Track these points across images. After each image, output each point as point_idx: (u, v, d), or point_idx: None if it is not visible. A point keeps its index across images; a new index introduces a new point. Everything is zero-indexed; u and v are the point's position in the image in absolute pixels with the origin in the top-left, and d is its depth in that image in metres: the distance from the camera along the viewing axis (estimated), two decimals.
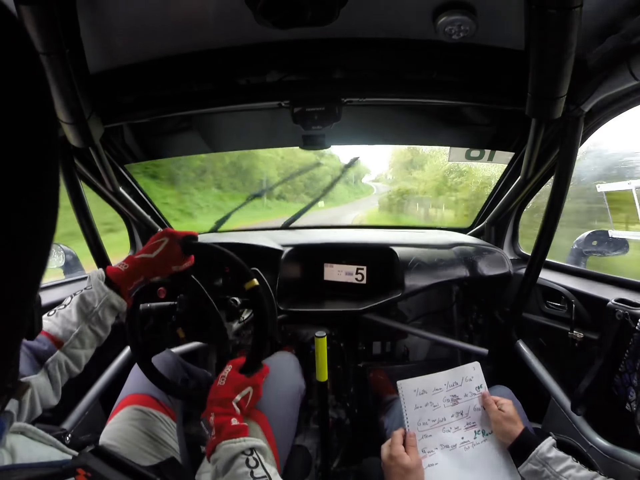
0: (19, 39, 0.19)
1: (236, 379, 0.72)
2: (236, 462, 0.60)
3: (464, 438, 0.86)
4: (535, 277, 1.12)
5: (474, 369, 0.92)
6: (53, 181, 0.22)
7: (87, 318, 0.69)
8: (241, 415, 0.69)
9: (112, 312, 0.73)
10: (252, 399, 0.74)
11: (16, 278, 0.21)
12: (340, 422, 1.42)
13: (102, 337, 0.73)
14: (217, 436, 0.64)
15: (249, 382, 0.73)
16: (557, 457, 0.74)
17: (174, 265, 0.80)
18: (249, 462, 0.59)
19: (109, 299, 0.71)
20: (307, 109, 0.95)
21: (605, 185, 1.54)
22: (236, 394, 0.70)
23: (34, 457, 0.43)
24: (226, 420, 0.65)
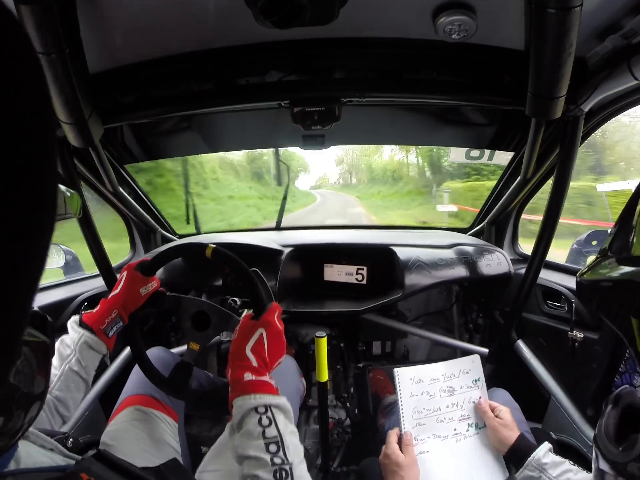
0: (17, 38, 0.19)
1: (245, 326, 0.68)
2: (247, 420, 0.57)
3: (456, 430, 0.87)
4: (535, 277, 1.12)
5: (473, 362, 0.92)
6: (51, 180, 0.22)
7: (66, 360, 0.72)
8: (262, 366, 0.64)
9: (91, 354, 0.76)
10: (270, 340, 0.66)
11: (15, 277, 0.21)
12: (340, 422, 1.42)
13: (86, 381, 0.75)
14: (232, 392, 0.61)
15: (259, 324, 0.67)
16: (553, 462, 0.73)
17: (141, 288, 0.83)
18: (261, 420, 0.56)
19: (82, 338, 0.74)
20: (307, 109, 0.95)
21: (605, 185, 1.54)
22: (247, 340, 0.65)
23: (37, 461, 0.43)
24: (240, 374, 0.62)
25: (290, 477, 0.52)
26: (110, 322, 0.78)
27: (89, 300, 1.24)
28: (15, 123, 0.19)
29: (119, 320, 0.80)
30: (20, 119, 0.19)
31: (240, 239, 1.45)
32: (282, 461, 0.53)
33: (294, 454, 0.55)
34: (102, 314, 0.78)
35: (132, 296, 0.82)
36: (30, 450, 0.45)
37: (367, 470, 0.93)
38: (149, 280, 0.85)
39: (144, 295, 0.84)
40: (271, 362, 0.66)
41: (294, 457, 0.55)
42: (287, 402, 0.62)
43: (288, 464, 0.53)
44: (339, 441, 1.39)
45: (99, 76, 0.88)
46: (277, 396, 0.61)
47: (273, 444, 0.54)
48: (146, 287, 0.84)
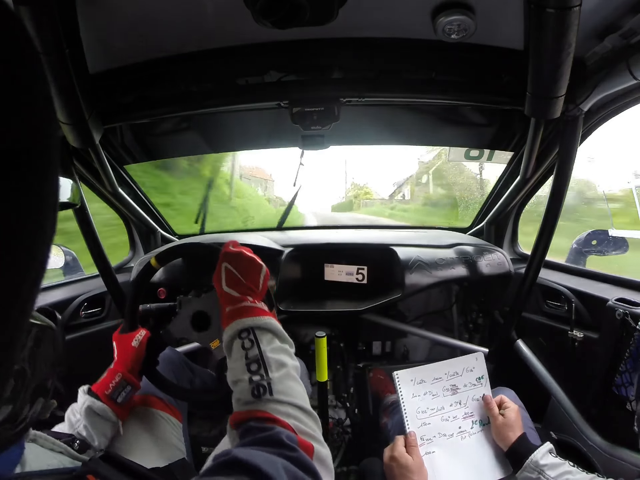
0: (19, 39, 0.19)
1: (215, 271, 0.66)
2: (233, 346, 0.56)
3: (461, 427, 0.87)
4: (535, 277, 1.12)
5: (477, 360, 0.92)
6: (53, 181, 0.22)
7: (74, 425, 0.72)
8: (244, 293, 0.62)
9: (100, 421, 0.74)
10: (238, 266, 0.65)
11: (17, 278, 0.21)
12: (340, 422, 1.42)
13: (94, 447, 0.73)
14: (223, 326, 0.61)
15: (220, 260, 0.66)
16: (552, 464, 0.73)
17: (133, 343, 0.83)
18: (244, 344, 0.55)
19: (86, 403, 0.74)
20: (306, 109, 0.95)
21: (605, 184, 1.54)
22: (220, 280, 0.64)
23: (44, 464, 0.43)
24: (223, 311, 0.61)
25: (269, 391, 0.49)
26: (115, 387, 0.77)
27: (89, 300, 1.24)
28: (18, 124, 0.19)
29: (126, 385, 0.79)
30: (23, 121, 0.20)
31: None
32: (260, 377, 0.51)
33: (276, 369, 0.53)
34: (105, 380, 0.78)
35: (129, 355, 0.81)
36: (37, 453, 0.45)
37: (367, 471, 0.93)
38: (134, 334, 0.84)
39: (139, 346, 0.83)
40: (254, 284, 0.65)
41: (276, 372, 0.52)
42: (274, 321, 0.59)
43: (266, 379, 0.51)
44: (339, 441, 1.39)
45: (99, 76, 0.88)
46: (260, 317, 0.58)
47: (254, 363, 0.53)
48: (136, 339, 0.83)
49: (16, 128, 0.19)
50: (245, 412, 0.48)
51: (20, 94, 0.19)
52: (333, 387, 1.48)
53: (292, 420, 0.47)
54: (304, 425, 0.48)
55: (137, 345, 0.82)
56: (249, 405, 0.49)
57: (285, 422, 0.46)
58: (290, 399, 0.50)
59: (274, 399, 0.49)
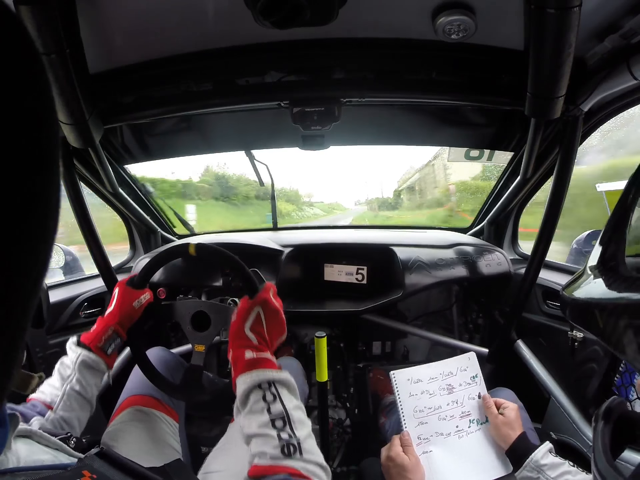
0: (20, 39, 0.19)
1: (242, 307, 0.67)
2: (252, 396, 0.57)
3: (458, 427, 0.87)
4: (535, 277, 1.12)
5: (469, 359, 0.93)
6: (54, 182, 0.22)
7: (67, 380, 0.73)
8: (262, 344, 0.63)
9: (92, 373, 0.76)
10: (269, 317, 0.66)
11: (19, 278, 0.21)
12: (340, 422, 1.42)
13: (89, 400, 0.76)
14: (235, 371, 0.61)
15: (255, 303, 0.67)
16: (552, 464, 0.73)
17: (134, 302, 0.83)
18: (266, 396, 0.56)
19: (80, 357, 0.75)
20: (307, 109, 0.95)
21: (605, 184, 1.53)
22: (245, 321, 0.65)
23: (38, 459, 0.43)
24: (241, 353, 0.61)
25: (299, 451, 0.51)
26: (107, 340, 0.78)
27: (89, 300, 1.24)
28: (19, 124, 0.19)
29: (117, 337, 0.80)
30: (24, 121, 0.20)
31: (240, 239, 1.45)
32: (289, 436, 0.52)
33: (301, 428, 0.54)
34: (98, 332, 0.79)
35: (127, 311, 0.82)
36: (32, 449, 0.45)
37: (367, 470, 0.93)
38: (141, 293, 0.85)
39: (138, 308, 0.84)
40: (272, 340, 0.66)
41: (301, 431, 0.54)
42: (290, 376, 0.61)
43: (295, 438, 0.52)
44: (339, 441, 1.39)
45: (99, 76, 0.88)
46: (280, 371, 0.60)
47: (279, 420, 0.54)
48: (139, 300, 0.84)
49: (17, 128, 0.19)
50: (274, 466, 0.50)
51: (21, 95, 0.19)
52: (333, 387, 1.48)
53: (316, 478, 0.51)
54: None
55: (137, 306, 0.84)
56: (278, 460, 0.50)
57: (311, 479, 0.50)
58: (315, 458, 0.52)
59: (303, 459, 0.51)
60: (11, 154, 0.19)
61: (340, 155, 8.01)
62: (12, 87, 0.19)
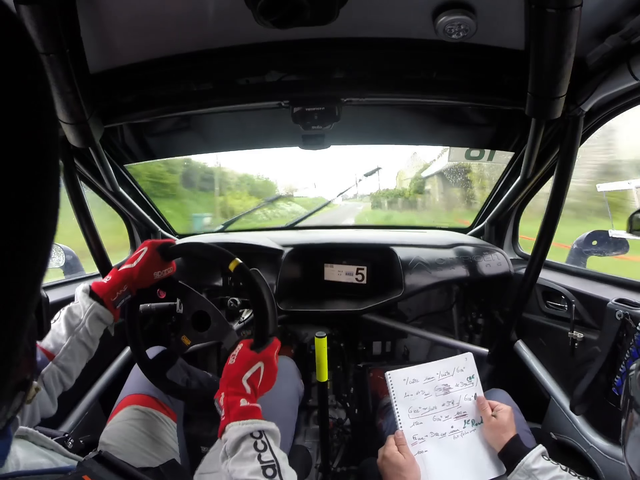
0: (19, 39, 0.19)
1: (246, 356, 0.69)
2: (243, 444, 0.58)
3: (453, 427, 0.87)
4: (535, 277, 1.12)
5: (466, 360, 0.93)
6: (54, 181, 0.22)
7: (74, 330, 0.73)
8: (253, 394, 0.66)
9: (99, 325, 0.76)
10: (266, 375, 0.69)
11: (18, 278, 0.21)
12: (340, 422, 1.42)
13: (91, 350, 0.76)
14: (227, 417, 0.62)
15: (259, 357, 0.69)
16: (543, 468, 0.73)
17: (156, 272, 0.83)
18: (257, 445, 0.58)
19: (93, 309, 0.75)
20: (307, 108, 0.95)
21: (605, 184, 1.53)
22: (246, 371, 0.67)
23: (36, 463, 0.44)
24: (235, 400, 0.63)
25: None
26: (120, 295, 0.79)
27: None
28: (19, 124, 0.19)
29: (128, 294, 0.81)
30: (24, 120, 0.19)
31: (240, 239, 1.45)
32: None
33: (289, 478, 0.57)
34: (113, 286, 0.78)
35: (146, 275, 0.81)
36: (29, 452, 0.45)
37: (367, 470, 0.93)
38: (166, 265, 0.84)
39: (157, 278, 0.83)
40: (260, 392, 0.69)
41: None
42: (276, 427, 0.64)
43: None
44: (339, 441, 1.39)
45: (99, 76, 0.88)
46: (269, 422, 0.63)
47: (270, 468, 0.56)
48: (161, 272, 0.83)
49: (17, 128, 0.19)
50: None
51: (21, 94, 0.19)
52: (333, 387, 1.48)
53: None
54: None
55: (157, 277, 0.84)
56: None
57: None
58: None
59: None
60: (10, 153, 0.18)
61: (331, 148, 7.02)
62: (10, 86, 0.19)
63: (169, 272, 0.86)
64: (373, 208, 7.98)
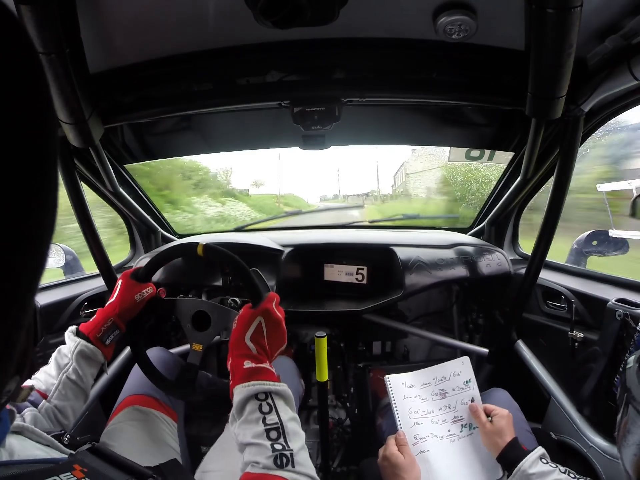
0: (19, 39, 0.19)
1: (244, 316, 0.67)
2: (248, 406, 0.57)
3: (450, 431, 0.87)
4: (535, 277, 1.12)
5: (463, 364, 0.93)
6: (52, 180, 0.22)
7: (63, 369, 0.73)
8: (262, 354, 0.64)
9: (88, 363, 0.76)
10: (270, 328, 0.66)
11: (16, 276, 0.21)
12: (340, 422, 1.42)
13: (84, 390, 0.76)
14: (232, 380, 0.61)
15: (257, 313, 0.67)
16: (541, 472, 0.72)
17: (137, 294, 0.83)
18: (262, 407, 0.57)
19: (78, 347, 0.75)
20: (307, 109, 0.95)
21: (605, 184, 1.53)
22: (246, 330, 0.65)
23: (31, 454, 0.44)
24: (239, 363, 0.62)
25: (291, 463, 0.52)
26: (106, 330, 0.79)
27: (89, 300, 1.24)
28: (18, 124, 0.19)
29: (116, 328, 0.80)
30: (23, 121, 0.19)
31: (240, 239, 1.45)
32: (282, 447, 0.53)
33: (294, 440, 0.55)
34: (98, 323, 0.79)
35: (128, 304, 0.82)
36: (25, 444, 0.45)
37: (366, 470, 0.93)
38: (144, 286, 0.85)
39: (140, 302, 0.84)
40: (271, 350, 0.66)
41: (295, 443, 0.55)
42: (288, 389, 0.61)
43: (289, 450, 0.53)
44: (339, 441, 1.39)
45: (99, 76, 0.88)
46: (278, 383, 0.61)
47: (273, 431, 0.54)
48: (141, 294, 0.84)
49: (16, 127, 0.19)
50: (265, 475, 0.51)
51: (20, 94, 0.19)
52: (333, 387, 1.48)
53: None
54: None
55: (139, 299, 0.84)
56: (270, 470, 0.51)
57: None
58: (307, 471, 0.53)
59: (295, 470, 0.52)
60: (8, 152, 0.18)
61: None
62: (10, 86, 0.19)
63: (150, 292, 0.86)
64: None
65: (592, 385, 0.98)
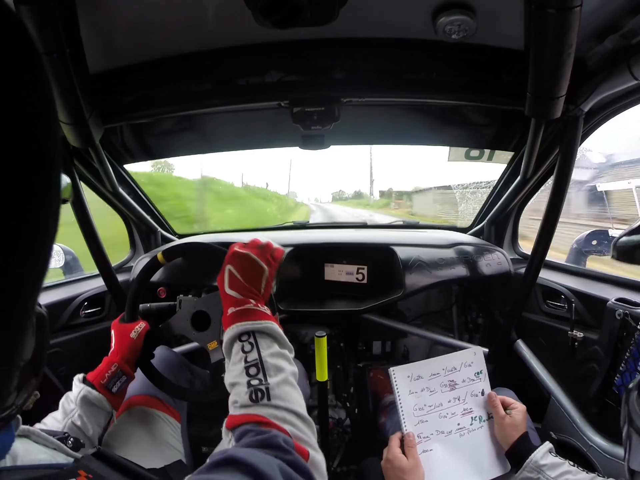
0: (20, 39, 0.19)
1: (220, 274, 0.65)
2: (233, 349, 0.56)
3: (459, 424, 0.85)
4: (535, 277, 1.12)
5: (475, 354, 0.90)
6: (55, 181, 0.22)
7: (69, 415, 0.73)
8: (246, 296, 0.61)
9: (93, 410, 0.75)
10: (241, 268, 0.63)
11: (19, 278, 0.21)
12: (340, 422, 1.42)
13: (88, 436, 0.74)
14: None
15: (224, 263, 0.65)
16: (552, 464, 0.73)
17: (132, 334, 0.83)
18: (244, 347, 0.55)
19: (82, 392, 0.75)
20: (307, 109, 0.95)
21: (605, 184, 1.54)
22: (223, 283, 0.63)
23: (35, 459, 0.43)
24: (225, 312, 0.61)
25: (267, 397, 0.49)
26: (111, 377, 0.78)
27: (89, 300, 1.24)
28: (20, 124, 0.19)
29: (122, 375, 0.80)
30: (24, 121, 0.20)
31: (240, 239, 1.45)
32: (259, 382, 0.51)
33: (275, 375, 0.52)
34: (102, 370, 0.79)
35: (127, 345, 0.82)
36: (30, 448, 0.45)
37: (367, 470, 0.93)
38: (134, 324, 0.85)
39: (137, 338, 0.83)
40: (254, 287, 0.63)
41: (274, 378, 0.52)
42: (274, 324, 0.59)
43: (264, 384, 0.50)
44: (339, 441, 1.39)
45: (99, 76, 0.88)
46: (261, 321, 0.58)
47: (253, 367, 0.52)
48: (135, 331, 0.84)
49: (18, 128, 0.19)
50: (242, 415, 0.48)
51: (21, 95, 0.19)
52: (333, 387, 1.48)
53: (288, 425, 0.47)
54: (299, 432, 0.48)
55: (135, 336, 0.83)
56: (246, 408, 0.49)
57: (282, 427, 0.46)
58: (287, 405, 0.49)
59: (271, 404, 0.48)
60: (11, 153, 0.18)
61: None
62: (12, 87, 0.19)
63: (143, 327, 0.85)
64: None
65: (592, 385, 0.98)
